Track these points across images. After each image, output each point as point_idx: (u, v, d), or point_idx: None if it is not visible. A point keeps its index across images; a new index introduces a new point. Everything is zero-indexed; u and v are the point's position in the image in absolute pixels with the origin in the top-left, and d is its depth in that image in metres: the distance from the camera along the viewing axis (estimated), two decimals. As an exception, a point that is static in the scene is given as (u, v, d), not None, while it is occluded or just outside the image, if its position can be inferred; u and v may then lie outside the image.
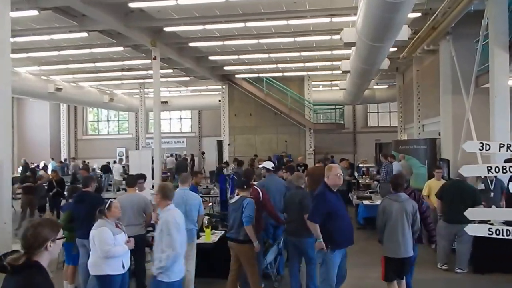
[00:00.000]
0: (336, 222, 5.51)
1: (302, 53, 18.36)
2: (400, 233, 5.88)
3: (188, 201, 6.56)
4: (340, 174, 5.61)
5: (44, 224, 2.76)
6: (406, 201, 6.01)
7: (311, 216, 5.58)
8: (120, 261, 5.31)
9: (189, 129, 33.57)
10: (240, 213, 6.19)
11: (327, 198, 5.53)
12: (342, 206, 5.77)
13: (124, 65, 20.73)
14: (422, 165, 15.90)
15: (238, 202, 6.37)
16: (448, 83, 14.21)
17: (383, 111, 30.97)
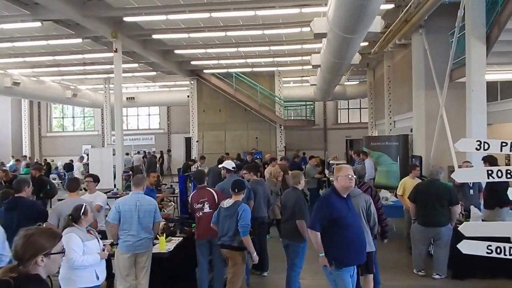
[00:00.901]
0: (341, 233, 4.70)
1: (272, 47, 17.75)
2: None
3: (142, 206, 5.84)
4: (352, 176, 4.81)
5: (38, 234, 2.47)
6: (358, 196, 5.74)
7: (311, 223, 4.86)
8: (93, 271, 4.67)
9: (157, 125, 32.61)
10: (235, 221, 5.78)
11: (331, 202, 4.78)
12: (352, 213, 4.91)
13: (86, 59, 19.71)
14: (394, 161, 15.52)
15: (233, 208, 5.89)
16: (420, 78, 13.85)
17: (353, 108, 30.81)
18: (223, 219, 5.98)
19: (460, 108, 11.23)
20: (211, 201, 6.49)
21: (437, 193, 7.29)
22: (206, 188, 6.69)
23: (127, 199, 6.00)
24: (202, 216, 6.47)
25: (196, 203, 6.51)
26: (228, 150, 23.09)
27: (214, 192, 6.60)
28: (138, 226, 5.77)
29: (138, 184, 6.10)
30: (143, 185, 6.14)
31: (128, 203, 5.85)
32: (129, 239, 5.67)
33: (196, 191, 6.73)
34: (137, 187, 6.07)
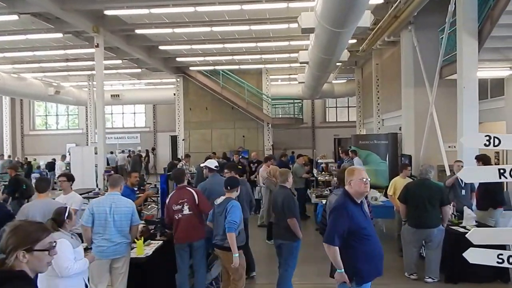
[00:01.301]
0: (362, 245, 4.13)
1: (259, 44, 17.37)
2: None
3: (118, 208, 5.42)
4: (366, 179, 4.22)
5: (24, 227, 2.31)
6: None
7: (328, 237, 4.12)
8: (81, 279, 4.31)
9: (143, 124, 32.07)
10: (224, 218, 5.56)
11: (349, 211, 4.12)
12: (369, 222, 4.36)
13: (68, 55, 19.17)
14: (383, 160, 15.32)
15: (223, 204, 5.71)
16: (409, 76, 13.63)
17: (341, 106, 30.62)
18: (216, 217, 5.79)
19: (451, 106, 11.04)
20: (191, 202, 6.11)
21: (427, 193, 7.00)
22: (186, 188, 6.30)
23: (102, 200, 5.59)
24: (182, 218, 6.09)
25: (175, 204, 6.13)
26: (214, 149, 22.75)
27: (195, 192, 6.21)
28: (114, 230, 5.36)
29: (114, 185, 5.70)
30: (120, 185, 5.73)
31: (102, 205, 5.43)
32: (104, 243, 5.24)
33: (175, 192, 6.34)
34: (113, 188, 5.67)
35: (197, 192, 6.29)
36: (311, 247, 8.47)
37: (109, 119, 32.56)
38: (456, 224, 7.34)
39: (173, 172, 6.75)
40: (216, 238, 5.74)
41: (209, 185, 6.91)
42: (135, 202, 7.47)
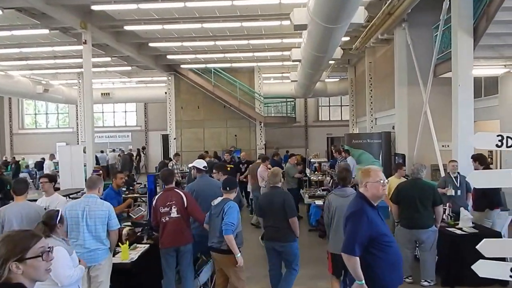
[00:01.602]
0: (383, 253, 3.72)
1: (251, 41, 17.10)
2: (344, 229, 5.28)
3: (91, 212, 5.08)
4: (384, 181, 3.82)
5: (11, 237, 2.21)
6: (352, 195, 5.30)
7: (347, 246, 3.70)
8: (76, 286, 4.07)
9: (134, 122, 31.70)
10: (221, 219, 5.35)
11: (368, 217, 3.68)
12: (387, 227, 3.95)
13: (56, 52, 18.78)
14: (376, 159, 15.13)
15: (219, 205, 5.47)
16: (403, 74, 13.46)
17: (334, 105, 30.47)
18: (212, 219, 5.57)
19: (445, 105, 10.87)
20: (179, 204, 5.87)
21: (419, 193, 6.79)
22: (175, 189, 6.05)
23: (76, 203, 5.31)
24: (169, 222, 5.84)
25: (162, 206, 5.87)
26: (207, 147, 22.52)
27: (183, 195, 5.96)
28: (88, 235, 5.05)
29: (91, 186, 5.38)
30: (98, 187, 5.44)
31: (75, 208, 5.13)
32: (78, 250, 4.83)
33: (162, 193, 6.09)
34: (90, 190, 5.35)
35: (186, 194, 6.04)
36: (304, 248, 8.26)
37: (100, 117, 32.22)
38: (452, 225, 7.13)
39: (161, 172, 6.48)
40: (213, 241, 5.52)
41: (197, 187, 6.66)
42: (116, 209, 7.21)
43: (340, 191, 5.72)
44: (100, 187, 5.44)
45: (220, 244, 5.39)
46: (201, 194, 6.47)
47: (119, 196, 7.56)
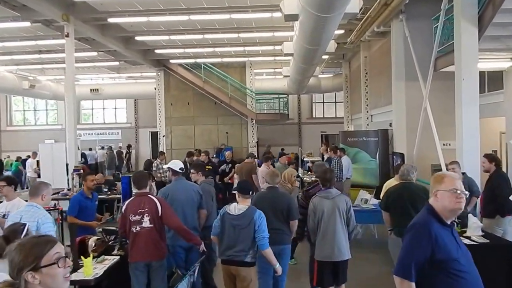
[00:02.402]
0: (452, 282, 2.82)
1: (241, 34, 16.36)
2: (333, 234, 5.36)
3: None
4: (461, 191, 2.92)
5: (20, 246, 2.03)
6: (338, 197, 5.48)
7: (402, 268, 2.86)
8: None
9: (125, 119, 30.89)
10: (250, 231, 4.77)
11: (433, 234, 2.84)
12: (463, 251, 2.95)
13: (40, 46, 17.96)
14: (373, 159, 14.53)
15: (247, 216, 4.82)
16: (400, 68, 12.82)
17: (328, 102, 29.81)
18: (231, 229, 4.86)
19: (445, 101, 10.38)
20: (153, 212, 5.15)
21: (410, 197, 6.05)
22: (148, 195, 5.34)
23: (13, 214, 4.63)
24: (140, 232, 5.13)
25: (133, 214, 5.16)
26: (198, 145, 21.69)
27: (158, 202, 5.25)
28: None
29: (33, 193, 4.69)
30: (42, 194, 4.72)
31: (11, 219, 4.44)
32: None
33: (133, 199, 5.37)
34: (32, 197, 4.66)
35: (161, 201, 5.32)
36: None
37: (90, 114, 31.50)
38: (459, 233, 6.44)
39: (133, 175, 5.76)
40: (230, 252, 4.87)
41: (172, 191, 5.95)
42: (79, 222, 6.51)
43: (325, 193, 5.51)
44: (45, 194, 4.72)
45: (244, 256, 4.81)
46: (176, 200, 5.79)
47: (90, 201, 6.80)
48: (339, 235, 5.39)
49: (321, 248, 5.44)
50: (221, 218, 4.96)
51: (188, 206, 5.89)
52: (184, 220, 5.67)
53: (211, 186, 6.78)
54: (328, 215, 5.40)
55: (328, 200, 5.44)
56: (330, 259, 5.42)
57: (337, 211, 5.39)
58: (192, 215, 5.92)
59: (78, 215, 6.59)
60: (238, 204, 4.95)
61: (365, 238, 9.75)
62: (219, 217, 5.01)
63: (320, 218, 5.43)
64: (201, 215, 6.12)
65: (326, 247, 5.41)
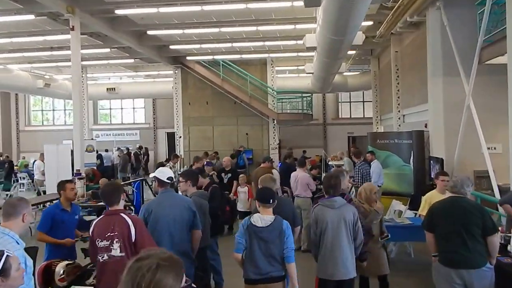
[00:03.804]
0: None
1: (260, 27, 15.10)
2: (338, 249, 4.79)
3: None
4: None
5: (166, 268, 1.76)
6: (344, 206, 4.90)
7: None
8: None
9: (143, 119, 30.04)
10: (280, 243, 4.28)
11: None
12: None
13: (49, 42, 17.06)
14: (406, 163, 13.07)
15: (276, 226, 4.32)
16: (438, 62, 11.35)
17: (356, 101, 28.31)
18: (260, 243, 4.29)
19: (491, 98, 9.26)
20: (124, 236, 3.99)
21: (463, 217, 4.73)
22: (120, 214, 4.14)
23: None
24: (109, 263, 3.99)
25: (100, 238, 4.01)
26: (216, 147, 20.75)
27: (131, 222, 4.05)
28: None
29: (11, 214, 3.55)
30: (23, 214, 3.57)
31: None
32: None
33: (101, 218, 4.20)
34: (5, 220, 3.53)
35: (136, 222, 4.12)
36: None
37: (108, 114, 30.83)
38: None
39: (101, 188, 4.56)
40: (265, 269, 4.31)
41: (156, 207, 4.73)
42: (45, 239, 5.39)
43: (329, 201, 4.91)
44: (26, 213, 3.57)
45: (273, 271, 4.33)
46: (161, 218, 4.60)
47: (68, 215, 5.60)
48: (344, 250, 4.79)
49: (323, 265, 4.87)
50: (246, 232, 4.34)
51: (177, 225, 4.70)
52: (170, 244, 4.52)
53: (203, 199, 5.57)
54: (332, 227, 4.79)
55: (333, 210, 4.83)
56: (334, 277, 4.82)
57: (342, 223, 4.78)
58: (182, 237, 4.72)
59: (52, 232, 5.48)
60: (262, 215, 4.37)
61: (399, 257, 8.36)
62: (243, 230, 4.35)
63: (323, 230, 4.83)
64: (195, 237, 4.93)
65: (330, 263, 4.81)
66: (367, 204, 5.74)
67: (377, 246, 5.76)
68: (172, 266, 1.80)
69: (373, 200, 5.76)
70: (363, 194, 5.85)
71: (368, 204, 5.74)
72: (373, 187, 5.97)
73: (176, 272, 1.79)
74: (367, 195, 5.80)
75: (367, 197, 5.80)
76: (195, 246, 4.92)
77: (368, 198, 5.78)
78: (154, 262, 1.77)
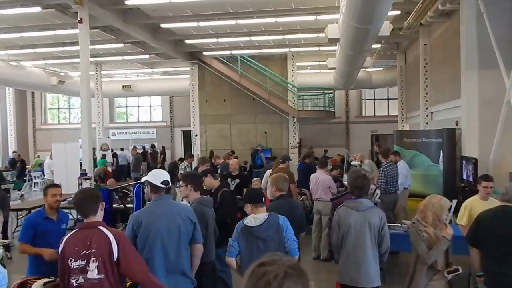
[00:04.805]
0: None
1: (279, 19, 14.22)
2: (361, 254, 4.34)
3: None
4: None
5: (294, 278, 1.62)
6: (370, 209, 4.42)
7: None
8: None
9: (160, 118, 29.50)
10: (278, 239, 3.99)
11: None
12: None
13: (60, 36, 16.53)
14: (434, 164, 12.15)
15: (271, 222, 4.04)
16: (472, 54, 10.34)
17: (380, 98, 27.25)
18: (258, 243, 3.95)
19: None
20: (104, 255, 3.24)
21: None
22: (99, 227, 3.38)
23: None
24: (83, 286, 3.21)
25: (73, 257, 3.26)
26: (234, 146, 20.03)
27: (112, 237, 3.30)
28: None
29: None
30: None
31: None
32: None
33: (75, 233, 3.43)
34: None
35: (119, 237, 3.35)
36: None
37: (124, 112, 30.42)
38: None
39: (75, 196, 3.76)
40: None
41: (147, 217, 3.92)
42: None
43: (354, 203, 4.48)
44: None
45: None
46: (153, 230, 3.83)
47: (53, 224, 4.86)
48: (367, 256, 4.32)
49: (345, 269, 4.48)
50: (240, 235, 4.05)
51: (172, 239, 3.91)
52: (163, 261, 3.78)
53: (206, 207, 4.78)
54: (356, 230, 4.36)
55: (358, 213, 4.37)
56: (356, 284, 4.39)
57: (367, 227, 4.31)
58: (178, 254, 3.93)
59: (36, 243, 4.75)
60: (255, 215, 4.10)
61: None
62: (237, 233, 4.08)
63: (345, 233, 4.42)
64: (195, 253, 4.16)
65: (352, 269, 4.40)
66: (433, 226, 4.26)
67: (441, 284, 4.30)
68: (300, 276, 1.64)
69: (443, 221, 4.29)
70: (431, 214, 4.28)
71: (434, 227, 4.26)
72: (445, 203, 4.33)
73: (304, 285, 1.63)
74: (437, 215, 4.27)
75: (436, 216, 4.25)
76: (196, 263, 4.15)
77: (437, 218, 4.25)
78: (281, 269, 1.61)
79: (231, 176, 8.48)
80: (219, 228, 5.29)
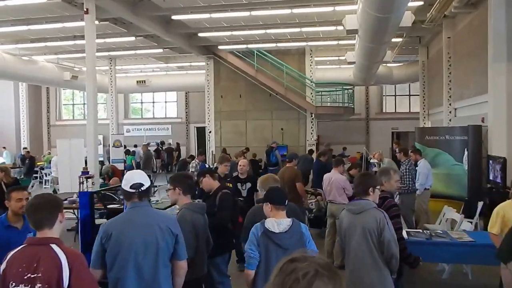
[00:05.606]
0: None
1: (295, 10, 13.55)
2: (358, 264, 3.88)
3: None
4: None
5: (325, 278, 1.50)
6: (366, 212, 3.86)
7: None
8: None
9: (175, 114, 29.13)
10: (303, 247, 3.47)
11: None
12: None
13: (69, 29, 16.09)
14: (458, 162, 11.43)
15: (295, 230, 3.60)
16: (501, 46, 9.69)
17: (401, 94, 26.45)
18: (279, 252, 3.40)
19: None
20: (51, 281, 2.65)
21: None
22: (50, 244, 2.77)
23: None
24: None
25: (15, 281, 2.68)
26: (249, 143, 19.52)
27: (65, 258, 2.70)
28: None
29: None
30: None
31: None
32: None
33: (21, 250, 2.80)
34: None
35: (73, 258, 2.74)
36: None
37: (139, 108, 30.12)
38: None
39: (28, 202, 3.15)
40: None
41: (119, 228, 3.33)
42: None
43: (351, 205, 4.18)
44: None
45: None
46: (125, 244, 3.24)
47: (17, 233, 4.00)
48: (365, 267, 3.86)
49: (348, 279, 3.96)
50: (261, 241, 3.53)
51: (148, 255, 3.27)
52: (135, 281, 3.20)
53: (197, 213, 4.19)
54: (349, 235, 3.99)
55: (352, 216, 3.98)
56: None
57: (361, 233, 3.86)
58: (155, 273, 3.29)
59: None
60: (277, 219, 3.62)
61: (454, 279, 6.80)
62: (256, 240, 3.54)
63: (343, 238, 4.13)
64: (178, 272, 3.48)
65: (353, 279, 3.93)
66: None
67: None
68: (331, 277, 1.49)
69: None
70: None
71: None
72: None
73: (335, 286, 1.47)
74: None
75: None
76: (179, 283, 3.53)
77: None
78: (312, 267, 1.49)
79: (239, 179, 7.37)
80: (218, 234, 4.75)
